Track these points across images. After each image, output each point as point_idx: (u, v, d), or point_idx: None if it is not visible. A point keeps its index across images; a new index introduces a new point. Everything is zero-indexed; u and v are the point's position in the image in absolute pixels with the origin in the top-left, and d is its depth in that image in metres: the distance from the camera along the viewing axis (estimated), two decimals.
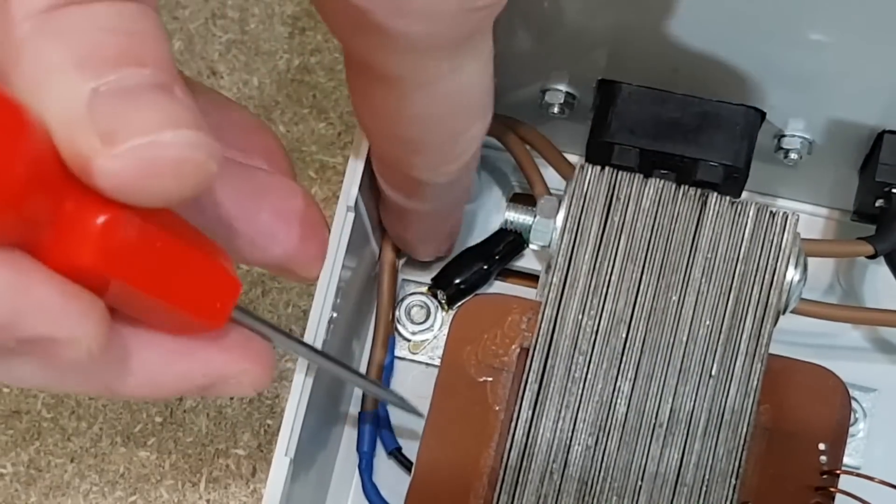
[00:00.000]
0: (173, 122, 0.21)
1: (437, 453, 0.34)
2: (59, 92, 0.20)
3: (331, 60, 0.48)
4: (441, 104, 0.30)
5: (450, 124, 0.31)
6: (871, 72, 0.34)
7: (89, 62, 0.20)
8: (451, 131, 0.31)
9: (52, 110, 0.20)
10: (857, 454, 0.39)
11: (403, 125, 0.30)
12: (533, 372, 0.33)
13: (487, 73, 0.30)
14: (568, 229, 0.33)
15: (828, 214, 0.42)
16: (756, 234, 0.33)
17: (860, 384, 0.40)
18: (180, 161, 0.21)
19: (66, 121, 0.20)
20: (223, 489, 0.43)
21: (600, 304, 0.33)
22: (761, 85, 0.35)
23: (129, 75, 0.20)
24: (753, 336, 0.33)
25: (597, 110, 0.37)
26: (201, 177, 0.21)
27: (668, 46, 0.34)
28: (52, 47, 0.20)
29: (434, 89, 0.29)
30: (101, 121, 0.20)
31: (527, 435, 0.32)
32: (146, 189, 0.21)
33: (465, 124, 0.31)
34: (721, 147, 0.36)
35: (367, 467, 0.39)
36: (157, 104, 0.21)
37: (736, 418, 0.33)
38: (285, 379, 0.44)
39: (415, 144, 0.32)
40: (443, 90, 0.29)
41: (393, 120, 0.30)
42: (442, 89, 0.29)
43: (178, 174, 0.21)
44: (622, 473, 0.32)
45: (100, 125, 0.20)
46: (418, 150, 0.32)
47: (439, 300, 0.41)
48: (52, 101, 0.20)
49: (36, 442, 0.44)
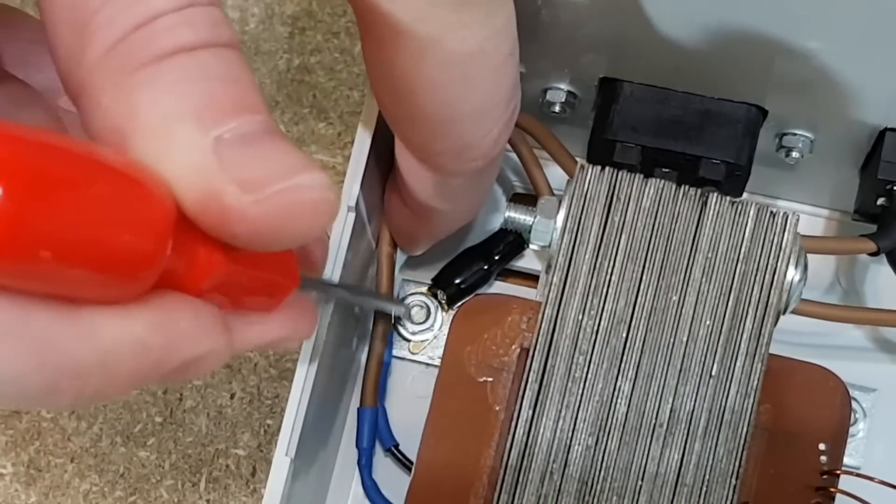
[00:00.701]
0: (303, 165, 0.21)
1: (438, 453, 0.34)
2: (183, 142, 0.20)
3: (331, 60, 0.48)
4: (455, 68, 0.30)
5: (469, 96, 0.31)
6: (873, 70, 0.34)
7: (207, 111, 0.21)
8: (472, 107, 0.31)
9: (177, 161, 0.20)
10: (856, 454, 0.39)
11: (421, 95, 0.30)
12: (533, 372, 0.33)
13: (504, 42, 0.30)
14: (568, 229, 0.33)
15: (828, 215, 0.42)
16: (756, 233, 0.33)
17: (860, 384, 0.40)
18: (318, 203, 0.21)
19: (196, 170, 0.20)
20: (223, 489, 0.43)
21: (600, 304, 0.33)
22: (763, 83, 0.35)
23: (246, 122, 0.21)
24: (754, 336, 0.33)
25: (598, 108, 0.37)
26: (331, 217, 0.22)
27: (669, 45, 0.34)
28: (168, 97, 0.20)
29: (446, 47, 0.29)
30: (234, 168, 0.21)
31: (527, 435, 0.32)
32: (285, 232, 0.21)
33: (487, 99, 0.31)
34: (723, 144, 0.36)
35: (367, 464, 0.39)
36: (283, 149, 0.21)
37: (736, 418, 0.33)
38: (285, 379, 0.44)
39: (436, 124, 0.31)
40: (455, 49, 0.29)
41: (410, 91, 0.30)
42: (454, 48, 0.29)
43: (316, 216, 0.21)
44: (622, 473, 0.32)
45: (234, 173, 0.20)
46: (441, 132, 0.32)
47: (439, 300, 0.41)
48: (176, 151, 0.20)
49: (36, 442, 0.44)
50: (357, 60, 0.48)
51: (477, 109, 0.31)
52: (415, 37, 0.29)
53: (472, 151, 0.32)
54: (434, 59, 0.29)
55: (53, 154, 0.19)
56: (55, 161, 0.19)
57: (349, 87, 0.48)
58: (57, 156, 0.19)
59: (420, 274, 0.42)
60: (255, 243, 0.21)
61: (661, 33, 0.34)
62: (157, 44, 0.20)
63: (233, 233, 0.21)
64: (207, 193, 0.20)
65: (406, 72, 0.30)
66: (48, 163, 0.19)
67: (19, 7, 0.50)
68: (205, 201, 0.21)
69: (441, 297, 0.41)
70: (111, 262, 0.20)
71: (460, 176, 0.33)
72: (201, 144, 0.20)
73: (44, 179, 0.18)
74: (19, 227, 0.18)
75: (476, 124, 0.32)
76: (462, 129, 0.32)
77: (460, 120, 0.31)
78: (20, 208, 0.18)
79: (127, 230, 0.20)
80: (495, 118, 0.32)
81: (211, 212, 0.21)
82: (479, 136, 0.32)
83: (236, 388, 0.44)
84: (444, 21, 0.29)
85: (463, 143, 0.32)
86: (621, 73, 0.36)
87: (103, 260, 0.20)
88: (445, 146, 0.32)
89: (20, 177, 0.18)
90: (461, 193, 0.35)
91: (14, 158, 0.18)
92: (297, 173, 0.21)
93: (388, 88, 0.31)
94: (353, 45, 0.48)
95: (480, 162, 0.33)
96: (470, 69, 0.30)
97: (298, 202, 0.21)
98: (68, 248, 0.19)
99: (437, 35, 0.29)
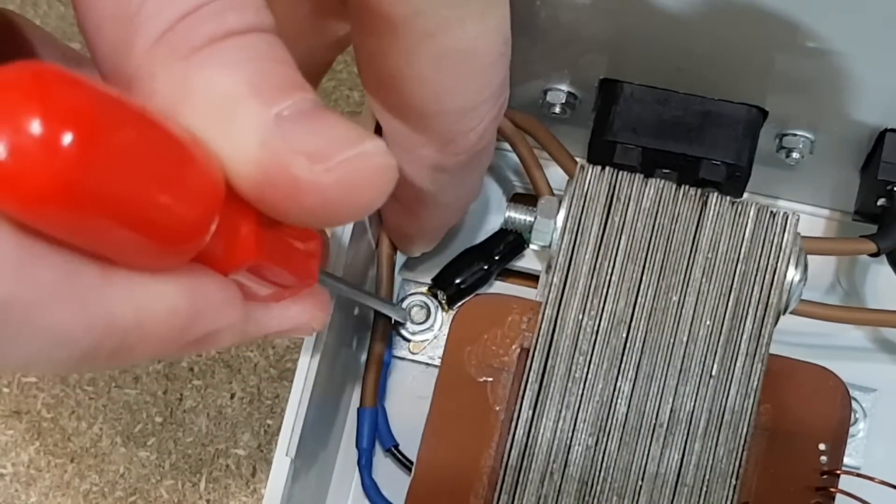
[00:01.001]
0: (364, 133, 0.22)
1: (438, 453, 0.34)
2: (246, 119, 0.21)
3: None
4: (446, 63, 0.30)
5: (458, 91, 0.31)
6: (873, 71, 0.34)
7: (265, 89, 0.21)
8: (460, 103, 0.31)
9: (242, 137, 0.21)
10: (857, 454, 0.39)
11: (409, 88, 0.30)
12: (533, 372, 0.33)
13: (497, 41, 0.30)
14: (568, 229, 0.33)
15: (829, 216, 0.42)
16: (756, 234, 0.33)
17: (860, 384, 0.40)
18: (384, 168, 0.22)
19: (261, 145, 0.21)
20: (223, 489, 0.43)
21: (600, 305, 0.33)
22: (763, 84, 0.35)
23: (301, 99, 0.21)
24: (754, 336, 0.33)
25: (599, 109, 0.37)
26: (392, 184, 0.22)
27: (669, 46, 0.34)
28: (226, 77, 0.21)
29: (439, 43, 0.29)
30: (300, 141, 0.21)
31: (527, 435, 0.32)
32: (354, 200, 0.22)
33: (475, 95, 0.31)
34: (723, 145, 0.36)
35: (367, 464, 0.39)
36: (340, 121, 0.22)
37: (736, 419, 0.33)
38: (285, 379, 0.44)
39: (421, 116, 0.32)
40: (448, 45, 0.29)
41: (398, 83, 0.30)
42: (447, 43, 0.29)
43: (383, 182, 0.22)
44: (622, 474, 0.32)
45: (300, 146, 0.21)
46: (426, 125, 0.32)
47: (439, 300, 0.41)
48: (240, 128, 0.21)
49: (36, 442, 0.44)
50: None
51: (464, 105, 0.31)
52: (409, 31, 0.29)
53: (455, 146, 0.32)
54: (427, 53, 0.29)
55: (122, 110, 0.19)
56: (124, 117, 0.19)
57: (349, 87, 0.48)
58: (125, 112, 0.19)
59: (420, 274, 0.42)
60: (322, 215, 0.22)
61: (661, 34, 0.34)
62: (207, 28, 0.21)
63: (303, 204, 0.21)
64: (276, 167, 0.21)
65: (397, 64, 0.30)
66: (117, 117, 0.19)
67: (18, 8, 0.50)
68: (273, 175, 0.21)
69: (441, 298, 0.41)
70: (159, 227, 0.20)
71: (444, 170, 0.33)
72: (265, 120, 0.21)
73: (112, 132, 0.19)
74: (86, 174, 0.18)
75: (462, 119, 0.32)
76: (447, 123, 0.32)
77: (446, 114, 0.31)
78: (89, 157, 0.18)
79: (181, 198, 0.20)
80: (481, 115, 0.32)
81: (280, 185, 0.21)
82: (464, 132, 0.32)
83: (236, 388, 0.44)
84: (441, 17, 0.29)
85: (447, 138, 0.32)
86: (621, 74, 0.36)
87: (153, 225, 0.20)
88: (430, 139, 0.32)
89: (91, 125, 0.18)
90: (447, 188, 0.35)
91: (88, 107, 0.18)
92: (362, 141, 0.22)
93: (376, 80, 0.32)
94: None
95: (464, 157, 0.33)
96: (461, 65, 0.30)
97: (367, 168, 0.22)
98: (125, 206, 0.19)
99: (433, 30, 0.29)
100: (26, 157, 0.17)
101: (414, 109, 0.31)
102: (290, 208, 0.21)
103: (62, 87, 0.18)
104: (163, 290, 0.21)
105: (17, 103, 0.17)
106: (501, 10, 0.30)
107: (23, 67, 0.18)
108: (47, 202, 0.18)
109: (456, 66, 0.30)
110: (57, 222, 0.19)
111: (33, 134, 0.17)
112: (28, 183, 0.18)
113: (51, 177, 0.18)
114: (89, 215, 0.19)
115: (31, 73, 0.18)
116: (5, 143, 0.17)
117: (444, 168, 0.33)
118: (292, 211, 0.22)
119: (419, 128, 0.32)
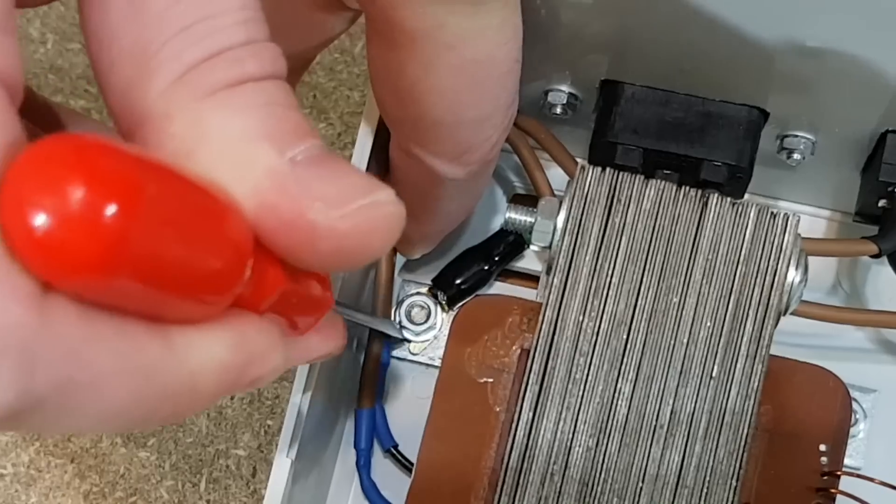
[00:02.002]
0: (375, 183, 0.22)
1: (438, 454, 0.34)
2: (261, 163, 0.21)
3: (331, 61, 0.48)
4: (465, 74, 0.30)
5: (475, 101, 0.31)
6: (874, 72, 0.34)
7: (280, 134, 0.21)
8: (477, 113, 0.31)
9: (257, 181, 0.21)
10: (857, 455, 0.39)
11: (427, 100, 0.31)
12: (534, 373, 0.33)
13: (515, 48, 0.30)
14: (569, 231, 0.33)
15: (829, 216, 0.42)
16: (757, 235, 0.33)
17: (860, 385, 0.40)
18: (395, 217, 0.22)
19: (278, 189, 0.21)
20: (223, 490, 0.43)
21: (601, 306, 0.33)
22: (764, 85, 0.35)
23: (312, 146, 0.21)
24: (754, 338, 0.33)
25: (600, 110, 0.37)
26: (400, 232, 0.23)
27: (671, 47, 0.34)
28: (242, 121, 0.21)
29: (459, 54, 0.29)
30: (315, 187, 0.21)
31: (527, 436, 0.32)
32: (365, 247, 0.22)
33: (491, 104, 0.31)
34: (725, 147, 0.36)
35: (365, 464, 0.39)
36: (352, 169, 0.22)
37: (736, 420, 0.33)
38: (285, 380, 0.44)
39: (438, 127, 0.32)
40: (468, 55, 0.29)
41: (415, 94, 0.30)
42: (467, 54, 0.29)
43: (391, 230, 0.22)
44: (623, 475, 0.32)
45: (316, 191, 0.21)
46: (442, 135, 0.32)
47: (440, 301, 0.41)
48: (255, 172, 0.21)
49: (36, 442, 0.44)
50: (357, 60, 0.48)
51: (481, 115, 0.31)
52: (430, 44, 0.29)
53: (470, 155, 0.32)
54: (446, 64, 0.29)
55: (161, 175, 0.19)
56: (163, 182, 0.19)
57: (349, 87, 0.48)
58: (164, 177, 0.20)
59: (420, 275, 0.42)
60: (333, 260, 0.22)
61: (662, 35, 0.34)
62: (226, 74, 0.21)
63: (317, 249, 0.21)
64: (292, 211, 0.21)
65: (415, 77, 0.30)
66: (157, 183, 0.19)
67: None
68: (290, 219, 0.21)
69: (441, 298, 0.41)
70: (203, 281, 0.20)
71: (455, 179, 0.34)
72: (280, 164, 0.21)
73: (153, 199, 0.19)
74: (130, 242, 0.18)
75: (478, 129, 0.32)
76: (464, 133, 0.32)
77: (463, 124, 0.31)
78: (132, 225, 0.18)
79: (220, 250, 0.20)
80: (496, 123, 0.32)
81: (296, 230, 0.21)
82: (480, 141, 0.32)
83: None
84: (461, 29, 0.29)
85: (463, 147, 0.32)
86: (623, 75, 0.36)
87: (197, 279, 0.20)
88: (445, 149, 0.32)
89: (134, 195, 0.18)
90: (456, 194, 0.35)
91: (130, 177, 0.18)
92: (374, 190, 0.22)
93: (392, 91, 0.31)
94: (353, 45, 0.48)
95: (477, 165, 0.33)
96: (479, 75, 0.30)
97: (379, 216, 0.22)
98: (169, 266, 0.19)
99: (452, 42, 0.29)
100: (72, 229, 0.18)
101: (431, 120, 0.31)
102: (303, 253, 0.21)
103: (104, 158, 0.18)
104: (213, 348, 0.21)
105: (62, 176, 0.18)
106: (517, 17, 0.30)
107: (65, 140, 0.18)
108: (95, 272, 0.18)
109: (474, 76, 0.30)
110: (106, 290, 0.19)
111: (78, 206, 0.18)
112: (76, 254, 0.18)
113: (97, 247, 0.18)
114: (135, 280, 0.19)
115: (75, 145, 0.18)
116: (52, 216, 0.18)
117: (456, 177, 0.33)
118: (304, 255, 0.22)
119: (434, 138, 0.32)
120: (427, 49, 0.29)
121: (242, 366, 0.22)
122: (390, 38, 0.29)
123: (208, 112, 0.21)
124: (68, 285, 0.18)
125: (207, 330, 0.21)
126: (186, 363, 0.21)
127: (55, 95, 0.50)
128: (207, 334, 0.21)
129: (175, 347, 0.21)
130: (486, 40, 0.29)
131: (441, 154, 0.33)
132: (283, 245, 0.21)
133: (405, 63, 0.30)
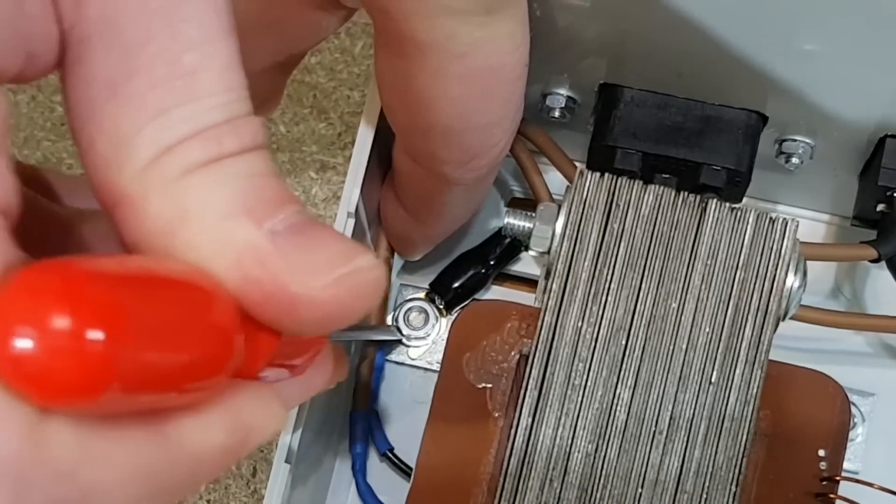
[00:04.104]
0: (355, 248, 0.22)
1: (437, 460, 0.34)
2: (240, 238, 0.21)
3: (331, 60, 0.48)
4: (475, 81, 0.30)
5: (484, 108, 0.31)
6: (873, 76, 0.34)
7: (257, 206, 0.21)
8: (486, 119, 0.31)
9: (236, 256, 0.21)
10: (855, 459, 0.39)
11: (437, 107, 0.31)
12: (532, 379, 0.33)
13: (523, 55, 0.30)
14: (567, 236, 0.33)
15: (828, 220, 0.42)
16: (756, 240, 0.33)
17: (858, 388, 0.40)
18: (376, 282, 0.22)
19: (257, 263, 0.21)
20: (223, 489, 0.43)
21: (600, 311, 0.33)
22: (763, 89, 0.35)
23: (291, 213, 0.21)
24: (753, 343, 0.33)
25: (599, 114, 0.37)
26: (381, 294, 0.23)
27: (670, 51, 0.34)
28: (218, 197, 0.21)
29: (469, 62, 0.29)
30: (294, 258, 0.21)
31: (526, 442, 0.32)
32: (348, 313, 0.22)
33: (500, 110, 0.31)
34: (724, 151, 0.36)
35: (361, 468, 0.40)
36: (332, 235, 0.22)
37: (736, 425, 0.33)
38: None
39: (447, 134, 0.32)
40: (478, 64, 0.29)
41: (425, 102, 0.30)
42: (477, 63, 0.29)
43: (373, 295, 0.22)
44: (622, 481, 0.32)
45: (294, 262, 0.21)
46: (451, 142, 0.32)
47: (437, 305, 0.41)
48: (233, 247, 0.21)
49: None
50: (357, 60, 0.48)
51: (491, 120, 0.31)
52: (441, 53, 0.29)
53: (479, 160, 0.32)
54: (457, 73, 0.29)
55: (142, 287, 0.20)
56: (144, 294, 0.19)
57: (349, 87, 0.48)
58: (144, 286, 0.20)
59: (417, 278, 0.42)
60: (317, 327, 0.22)
61: (661, 39, 0.34)
62: (203, 153, 0.21)
63: (299, 320, 0.21)
64: (273, 284, 0.21)
65: (425, 85, 0.30)
66: (139, 298, 0.19)
67: None
68: (270, 292, 0.21)
69: (439, 303, 0.41)
70: (194, 372, 0.20)
71: (462, 184, 0.33)
72: (258, 238, 0.21)
73: (140, 316, 0.19)
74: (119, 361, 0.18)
75: (487, 135, 0.32)
76: (473, 139, 0.32)
77: (472, 131, 0.31)
78: (119, 345, 0.18)
79: (206, 340, 0.20)
80: (504, 129, 0.32)
81: (278, 302, 0.21)
82: (489, 146, 0.32)
83: None
84: (472, 38, 0.29)
85: (472, 153, 0.32)
86: (621, 78, 0.36)
87: (187, 372, 0.20)
88: (454, 155, 0.32)
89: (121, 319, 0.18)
90: (460, 199, 0.35)
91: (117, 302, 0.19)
92: (355, 256, 0.22)
93: (401, 98, 0.31)
94: (353, 45, 0.48)
95: (484, 170, 0.33)
96: (490, 82, 0.30)
97: (361, 283, 0.22)
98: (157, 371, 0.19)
99: (464, 51, 0.29)
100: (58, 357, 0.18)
101: (441, 127, 0.31)
102: (287, 322, 0.21)
103: (90, 287, 0.18)
104: (210, 434, 0.21)
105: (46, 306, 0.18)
106: (526, 21, 0.30)
107: (49, 268, 0.18)
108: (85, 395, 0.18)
109: (485, 83, 0.30)
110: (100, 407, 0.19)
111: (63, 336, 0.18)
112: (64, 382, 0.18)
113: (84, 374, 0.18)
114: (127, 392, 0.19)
115: (59, 275, 0.18)
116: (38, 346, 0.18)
117: (463, 182, 0.33)
118: (288, 324, 0.22)
119: (443, 145, 0.32)
120: (438, 58, 0.29)
121: (241, 443, 0.22)
122: (400, 48, 0.29)
123: (185, 191, 0.21)
124: (63, 409, 0.19)
125: (204, 417, 0.21)
126: (186, 457, 0.21)
127: (55, 95, 0.50)
128: (204, 422, 0.21)
129: (172, 444, 0.21)
130: (497, 48, 0.29)
131: (450, 160, 0.32)
132: (268, 316, 0.21)
133: (415, 71, 0.30)
